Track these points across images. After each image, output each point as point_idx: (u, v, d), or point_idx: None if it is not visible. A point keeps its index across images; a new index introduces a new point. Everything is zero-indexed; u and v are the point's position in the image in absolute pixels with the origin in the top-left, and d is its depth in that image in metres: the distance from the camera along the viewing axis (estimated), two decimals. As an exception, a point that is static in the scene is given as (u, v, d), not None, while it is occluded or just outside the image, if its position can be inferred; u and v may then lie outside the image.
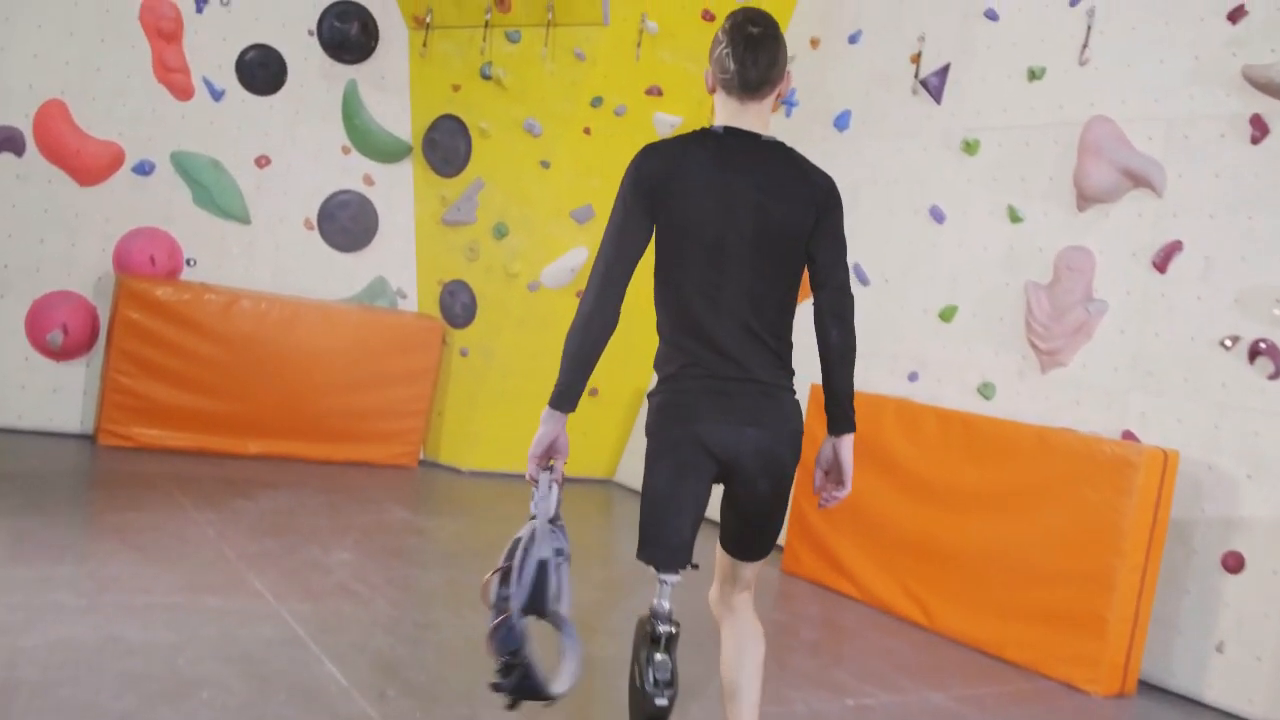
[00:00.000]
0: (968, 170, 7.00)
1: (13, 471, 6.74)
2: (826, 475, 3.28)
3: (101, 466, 7.29)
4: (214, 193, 8.35)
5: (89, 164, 7.91)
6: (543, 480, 3.07)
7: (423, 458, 8.91)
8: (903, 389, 7.09)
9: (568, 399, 3.06)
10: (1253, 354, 5.44)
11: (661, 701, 3.02)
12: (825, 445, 3.26)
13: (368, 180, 8.95)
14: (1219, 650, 5.36)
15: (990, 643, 5.80)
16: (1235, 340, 5.53)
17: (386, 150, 8.98)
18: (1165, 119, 5.97)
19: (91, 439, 7.82)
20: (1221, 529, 5.46)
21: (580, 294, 8.41)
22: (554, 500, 3.06)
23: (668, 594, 3.09)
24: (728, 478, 3.14)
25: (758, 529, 3.25)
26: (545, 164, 8.42)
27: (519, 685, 2.90)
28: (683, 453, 3.06)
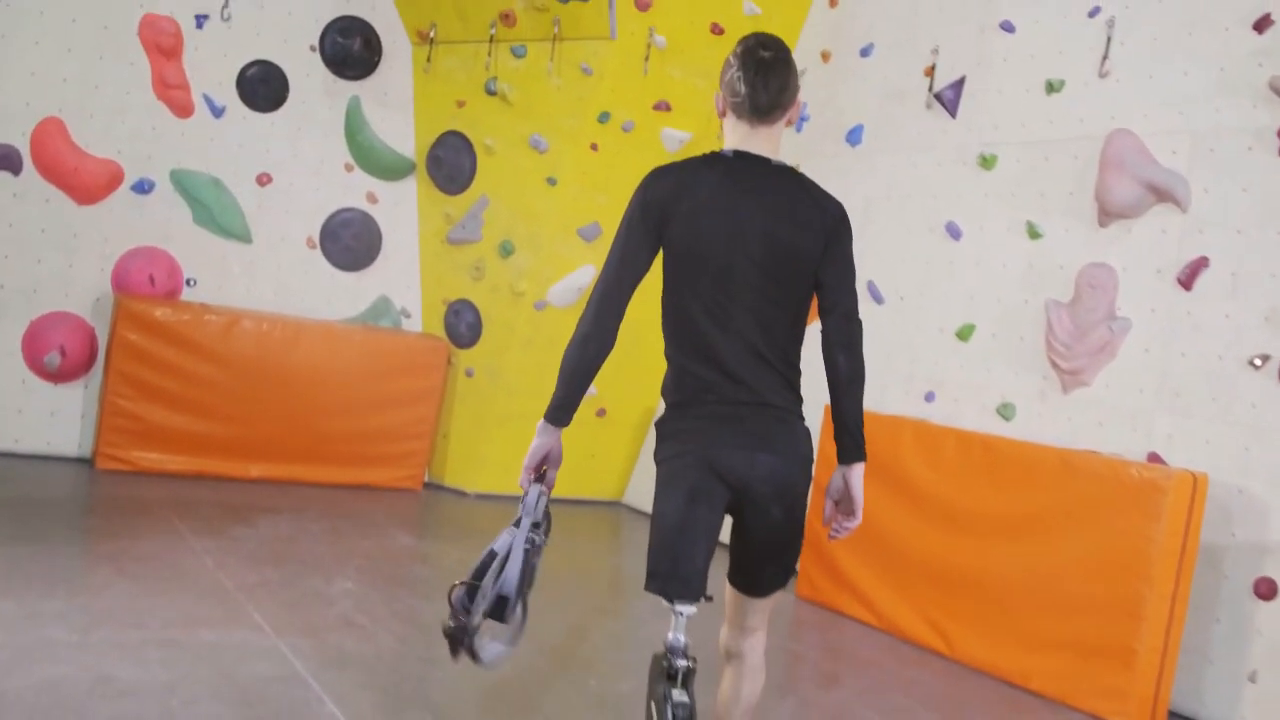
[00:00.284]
0: (985, 185, 6.84)
1: (7, 498, 6.58)
2: (837, 505, 3.22)
3: (99, 492, 7.13)
4: (214, 211, 8.22)
5: (87, 182, 7.78)
6: (532, 491, 3.10)
7: (427, 480, 8.75)
8: (919, 410, 6.92)
9: (563, 414, 3.08)
10: (1285, 374, 5.28)
11: None
12: (835, 475, 3.20)
13: (371, 198, 8.82)
14: (1251, 680, 5.18)
15: (1015, 673, 5.62)
16: (1265, 359, 5.35)
17: (390, 167, 8.84)
18: (1190, 132, 5.81)
19: (90, 463, 7.66)
20: (1253, 554, 5.28)
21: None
22: (540, 508, 3.11)
23: (683, 627, 3.00)
24: (739, 506, 3.07)
25: (770, 560, 3.16)
26: (552, 181, 8.27)
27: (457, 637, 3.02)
28: (695, 479, 3.00)
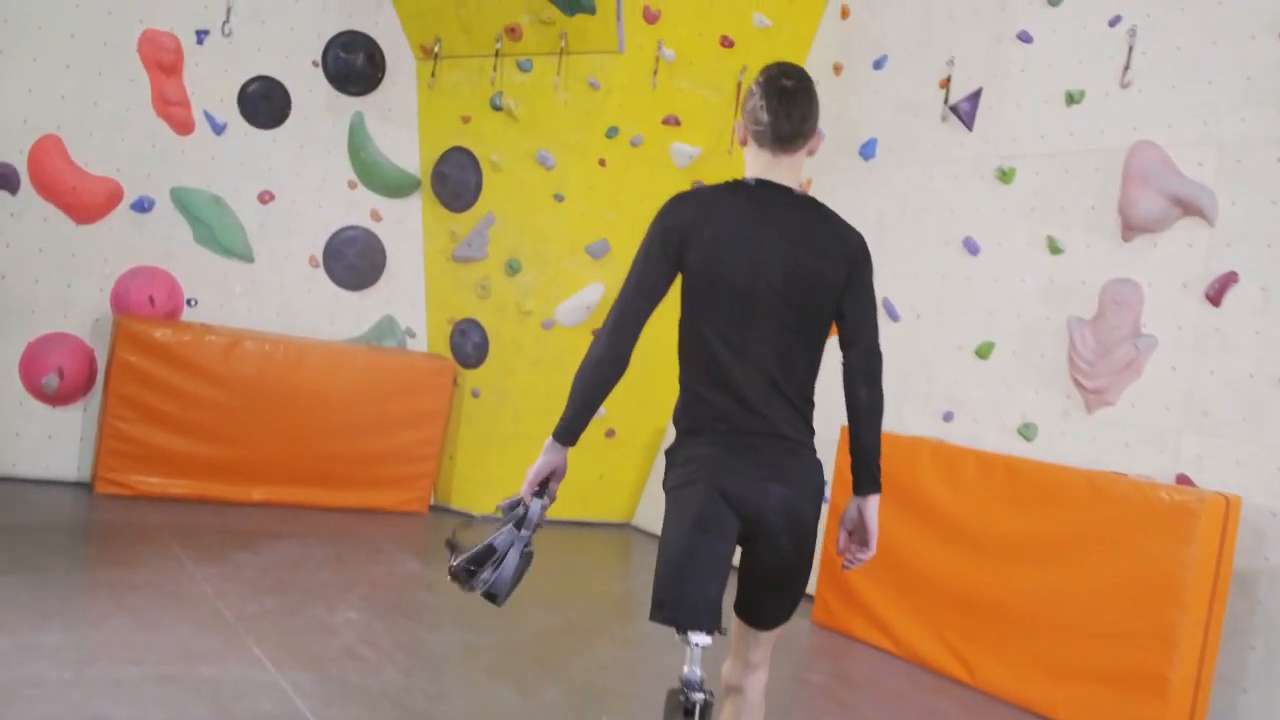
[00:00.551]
0: (1003, 199, 6.68)
1: (3, 525, 6.43)
2: (850, 536, 3.23)
3: (97, 517, 6.97)
4: (216, 230, 8.08)
5: (86, 201, 7.63)
6: (535, 505, 3.08)
7: (434, 503, 8.59)
8: (937, 430, 6.74)
9: (571, 435, 3.07)
10: (1320, 392, 5.10)
11: None
12: (850, 506, 3.20)
13: (375, 215, 8.68)
14: (1289, 711, 5.00)
15: (1040, 702, 5.44)
16: (1299, 378, 5.19)
17: (394, 184, 8.69)
18: (1216, 143, 5.65)
19: (89, 487, 7.50)
20: (1288, 580, 5.10)
21: (596, 332, 8.25)
22: (540, 517, 3.10)
23: (698, 658, 2.94)
24: (749, 537, 3.04)
25: (777, 591, 3.14)
26: (559, 197, 8.12)
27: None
28: (706, 508, 2.97)
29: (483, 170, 8.42)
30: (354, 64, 8.45)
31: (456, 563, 3.03)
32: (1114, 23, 6.21)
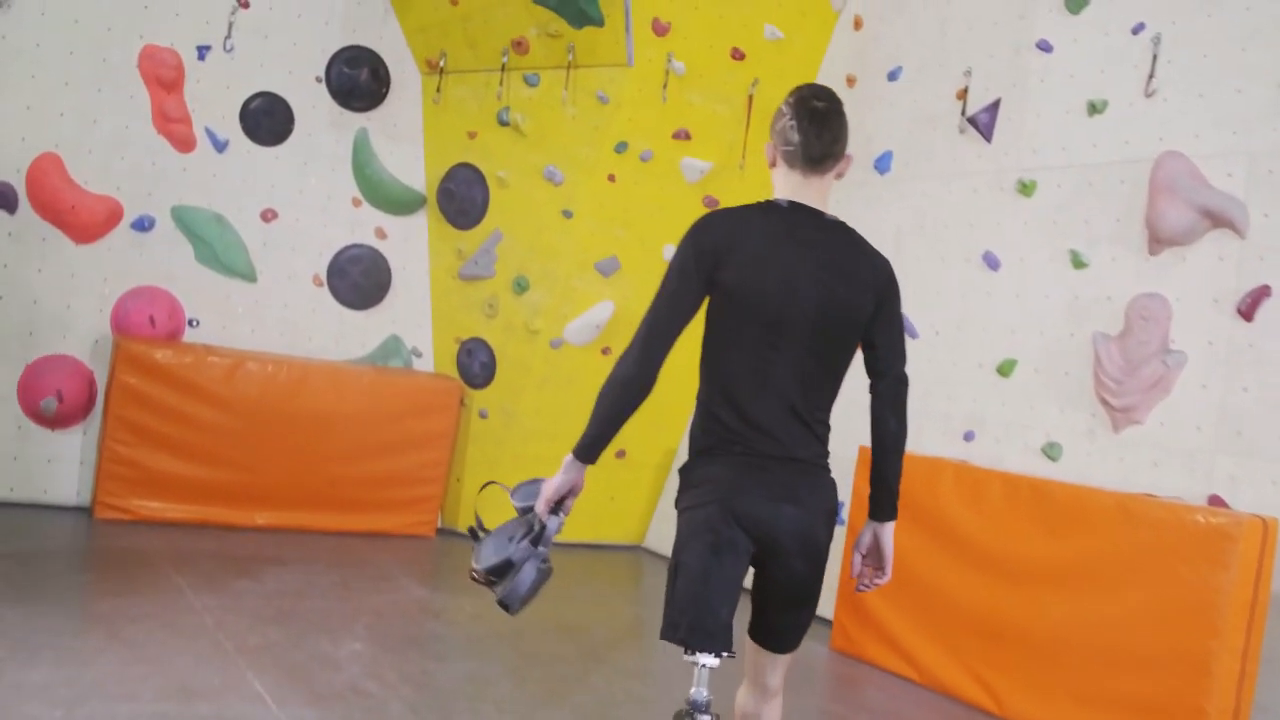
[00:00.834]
0: (1024, 213, 6.50)
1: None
2: (864, 559, 3.25)
3: (96, 544, 6.80)
4: (217, 249, 7.94)
5: (85, 220, 7.49)
6: (551, 523, 3.06)
7: (441, 526, 8.42)
8: (958, 450, 6.56)
9: (592, 452, 3.04)
10: (1360, 411, 4.91)
11: None
12: (866, 531, 3.23)
13: (380, 233, 8.54)
14: (1331, 742, 4.80)
15: (1071, 734, 5.24)
16: (1337, 395, 5.00)
17: (399, 201, 8.55)
18: (1247, 153, 5.47)
19: (88, 512, 7.33)
20: (1329, 606, 4.90)
21: (605, 350, 8.10)
22: (555, 533, 3.10)
23: (705, 680, 2.95)
24: (762, 559, 3.04)
25: (791, 612, 3.13)
26: (567, 214, 7.96)
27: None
28: (719, 530, 2.96)
29: (489, 186, 8.27)
30: (358, 79, 8.33)
31: (476, 571, 3.08)
32: (1137, 30, 6.04)
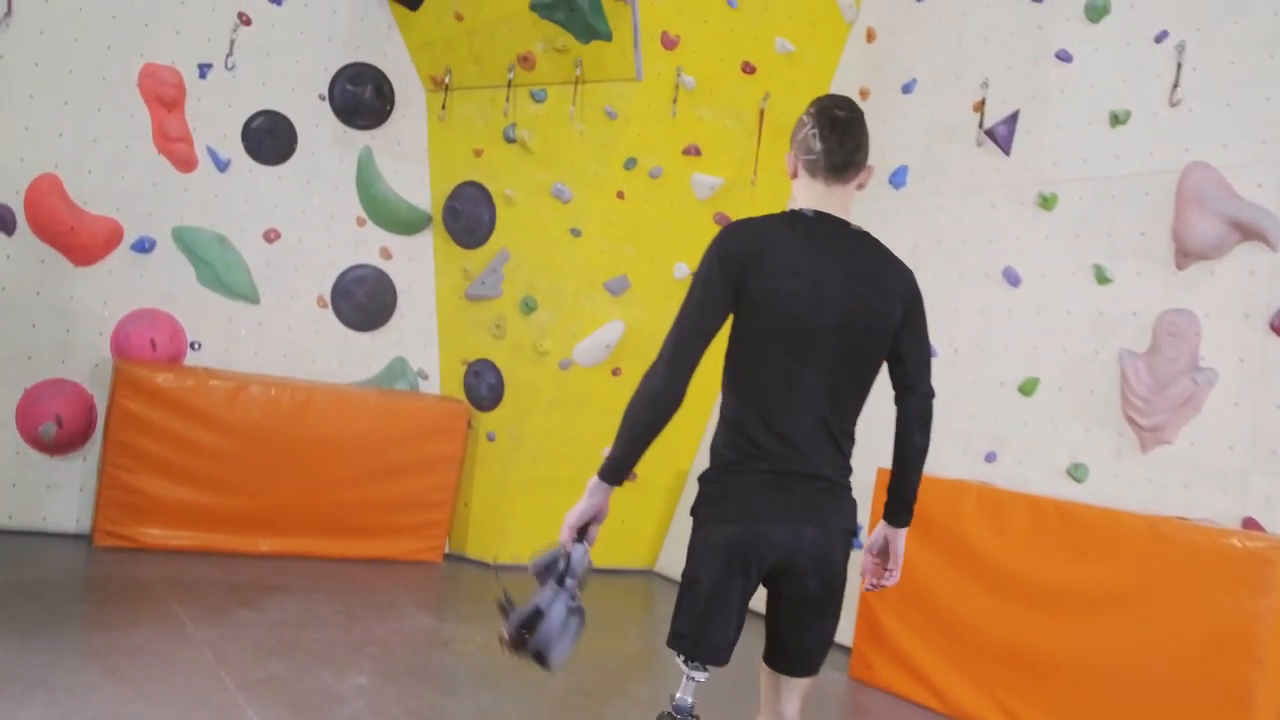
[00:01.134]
0: (1045, 227, 6.34)
1: (-5, 583, 6.10)
2: (875, 559, 3.29)
3: (95, 573, 6.63)
4: (219, 270, 7.80)
5: (84, 242, 7.35)
6: (576, 551, 2.97)
7: (448, 552, 8.25)
8: (980, 471, 6.38)
9: (620, 473, 2.98)
10: (1402, 429, 4.73)
11: None
12: (878, 534, 3.28)
13: (385, 253, 8.41)
14: (1377, 776, 4.60)
15: (1103, 767, 5.05)
16: (1377, 413, 4.82)
17: (404, 221, 8.42)
18: (1277, 163, 5.32)
19: (88, 539, 7.17)
20: (1372, 633, 4.70)
21: (616, 371, 7.94)
22: (585, 566, 2.99)
23: (692, 690, 3.00)
24: (777, 578, 3.01)
25: (805, 632, 3.09)
26: (576, 232, 7.81)
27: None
28: (735, 550, 2.93)
29: (496, 205, 8.14)
30: (362, 97, 8.20)
31: (508, 630, 2.95)
32: (1160, 38, 5.89)
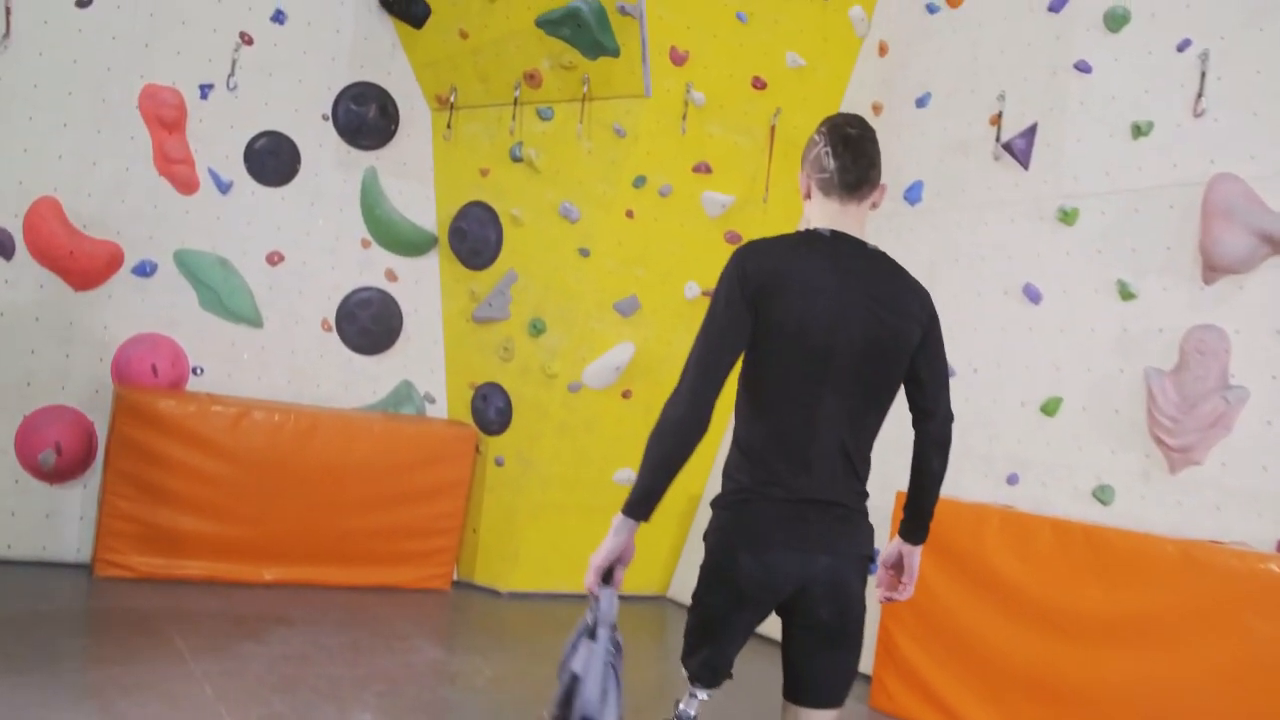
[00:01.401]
0: (1066, 243, 6.17)
1: (-9, 615, 5.95)
2: (889, 571, 3.28)
3: (94, 605, 6.49)
4: (222, 294, 7.67)
5: (84, 266, 7.23)
6: (604, 595, 2.87)
7: (457, 579, 8.09)
8: (1001, 494, 6.20)
9: (645, 507, 2.87)
10: None
11: None
12: (892, 548, 3.26)
13: (390, 275, 8.27)
14: None
15: (1137, 803, 4.86)
16: None
17: (410, 242, 8.29)
18: (1308, 174, 5.15)
19: (88, 569, 7.03)
20: None
21: (626, 393, 7.79)
22: (615, 610, 2.88)
23: (696, 705, 3.04)
24: (790, 608, 2.99)
25: (817, 659, 3.03)
26: (584, 252, 7.67)
27: None
28: (746, 581, 2.91)
29: (503, 225, 8.00)
30: (366, 117, 8.08)
31: (550, 714, 2.86)
32: (1183, 47, 5.73)
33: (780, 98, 7.57)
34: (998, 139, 6.61)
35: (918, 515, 3.19)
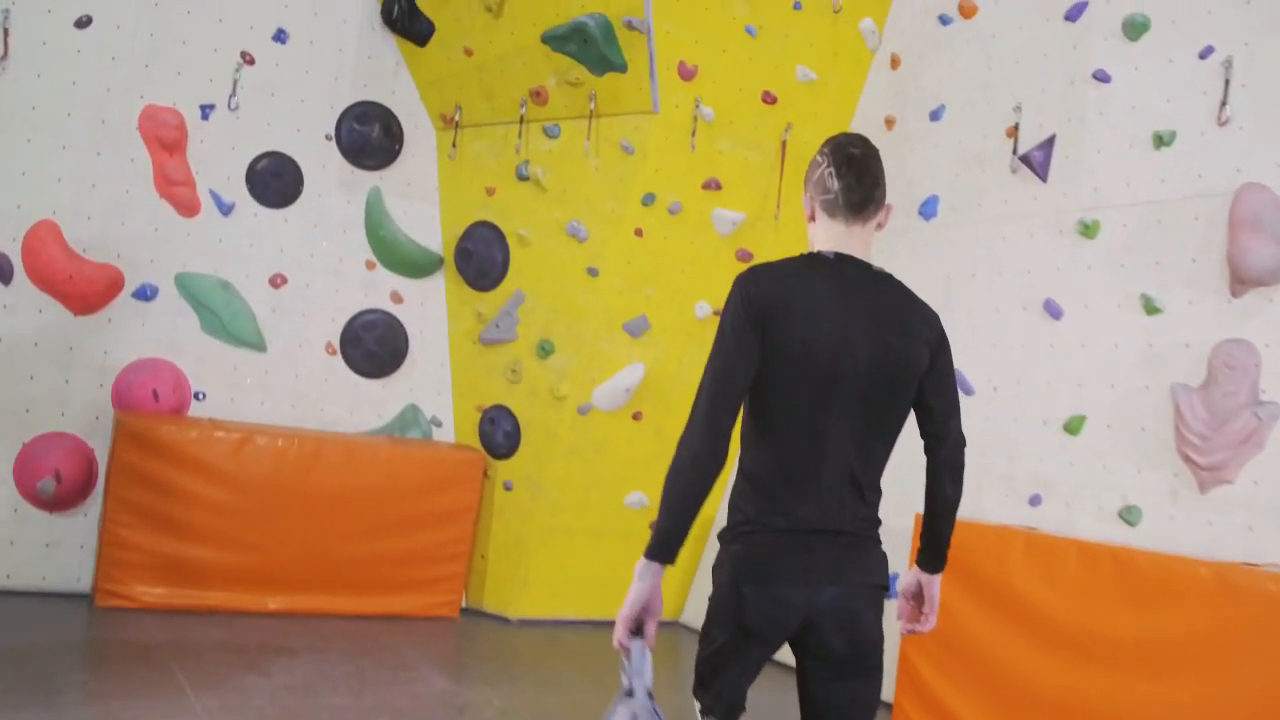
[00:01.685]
0: (1087, 256, 6.02)
1: (-14, 649, 5.80)
2: (909, 602, 3.21)
3: (94, 636, 6.34)
4: (224, 318, 7.56)
5: (84, 290, 7.11)
6: (635, 647, 2.78)
7: (465, 606, 7.94)
8: (1024, 515, 6.03)
9: (668, 548, 2.82)
10: None
11: None
12: (911, 577, 3.20)
13: (395, 297, 8.16)
14: None
15: (1173, 838, 4.67)
16: None
17: (415, 263, 8.18)
18: (1339, 183, 5.00)
19: (89, 599, 6.88)
20: None
21: (637, 415, 7.64)
22: (650, 669, 2.79)
23: None
24: (802, 640, 2.93)
25: (837, 696, 2.96)
26: (593, 271, 7.53)
27: None
28: (752, 616, 2.86)
29: (510, 245, 7.88)
30: (369, 136, 7.99)
31: None
32: (1205, 54, 5.59)
33: (791, 112, 7.43)
34: (1015, 151, 6.47)
35: (934, 543, 3.14)
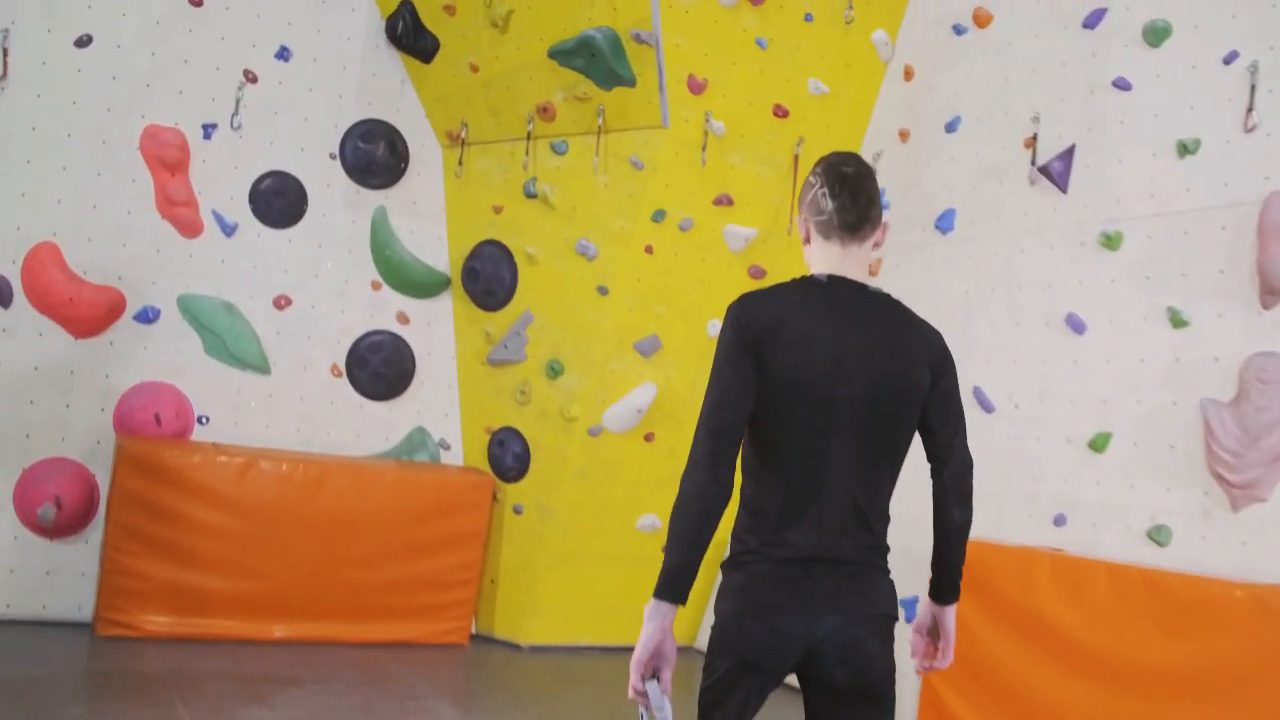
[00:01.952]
0: (1110, 269, 5.87)
1: (-17, 681, 5.66)
2: (924, 638, 3.13)
3: (94, 666, 6.20)
4: (227, 340, 7.46)
5: (85, 313, 7.01)
6: (653, 691, 2.70)
7: (475, 632, 7.80)
8: (1048, 536, 5.86)
9: (678, 587, 2.72)
10: None
11: None
12: (924, 612, 3.13)
13: (402, 318, 8.06)
14: None
15: None
16: None
17: (422, 284, 8.08)
18: (1372, 189, 4.84)
19: (90, 628, 6.76)
20: None
21: (649, 437, 7.49)
22: (669, 712, 2.70)
23: None
24: (805, 671, 2.87)
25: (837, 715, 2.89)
26: (603, 290, 7.41)
27: None
28: (752, 648, 2.80)
29: (518, 264, 7.78)
30: (374, 155, 7.90)
31: None
32: (1230, 60, 5.45)
33: (803, 126, 7.32)
34: (1033, 162, 6.33)
35: (945, 572, 3.05)
